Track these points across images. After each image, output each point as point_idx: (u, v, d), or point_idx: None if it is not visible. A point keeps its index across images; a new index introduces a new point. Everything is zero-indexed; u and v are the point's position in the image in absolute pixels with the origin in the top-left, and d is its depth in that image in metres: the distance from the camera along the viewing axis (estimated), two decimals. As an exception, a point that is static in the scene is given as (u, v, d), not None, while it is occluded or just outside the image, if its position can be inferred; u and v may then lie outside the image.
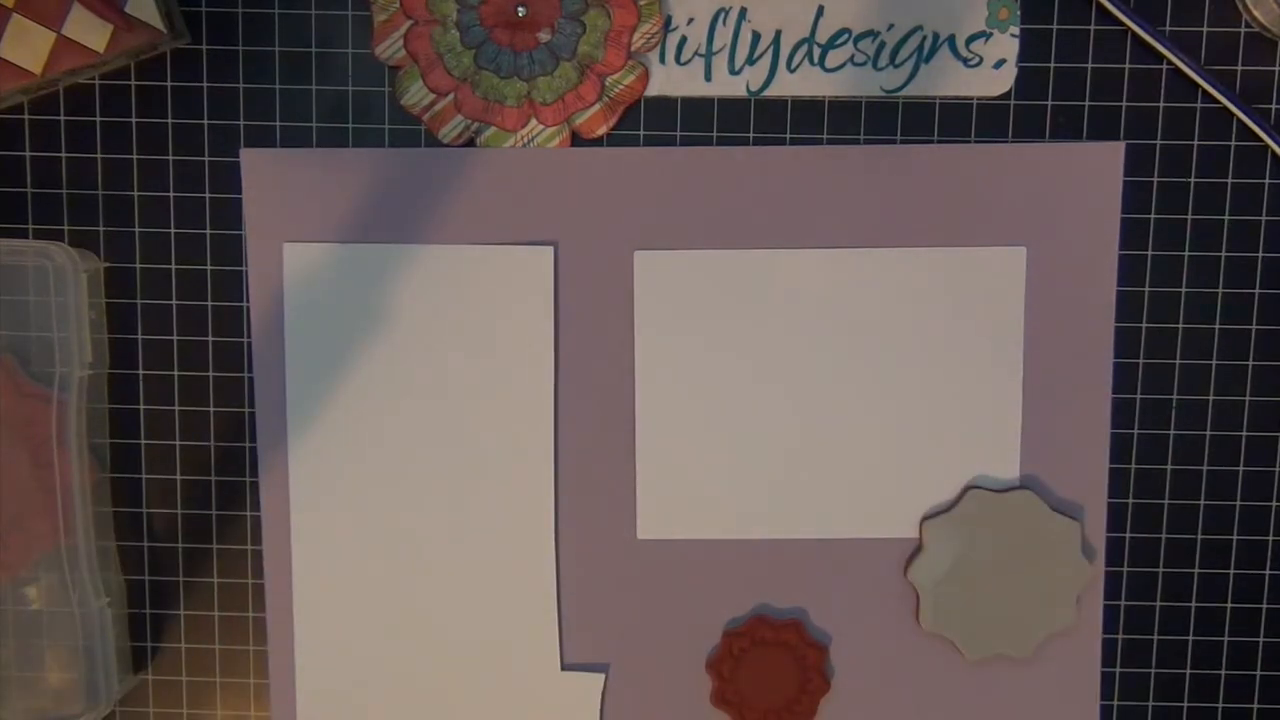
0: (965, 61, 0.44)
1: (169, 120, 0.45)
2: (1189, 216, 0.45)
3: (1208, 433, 0.46)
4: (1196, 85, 0.44)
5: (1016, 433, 0.45)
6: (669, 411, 0.45)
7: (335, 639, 0.46)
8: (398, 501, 0.46)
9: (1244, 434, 0.46)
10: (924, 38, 0.44)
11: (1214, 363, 0.46)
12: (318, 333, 0.45)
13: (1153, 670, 0.47)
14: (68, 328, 0.43)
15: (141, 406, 0.46)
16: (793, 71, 0.44)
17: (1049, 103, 0.44)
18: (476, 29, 0.43)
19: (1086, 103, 0.45)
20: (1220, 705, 0.47)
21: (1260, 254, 0.45)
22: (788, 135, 0.45)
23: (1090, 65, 0.44)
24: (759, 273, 0.45)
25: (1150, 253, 0.45)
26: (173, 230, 0.45)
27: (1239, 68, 0.44)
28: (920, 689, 0.46)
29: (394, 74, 0.44)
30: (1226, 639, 0.47)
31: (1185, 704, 0.47)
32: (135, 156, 0.45)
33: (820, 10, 0.44)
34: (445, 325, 0.45)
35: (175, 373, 0.46)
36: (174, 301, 0.45)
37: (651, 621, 0.46)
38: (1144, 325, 0.45)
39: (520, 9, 0.43)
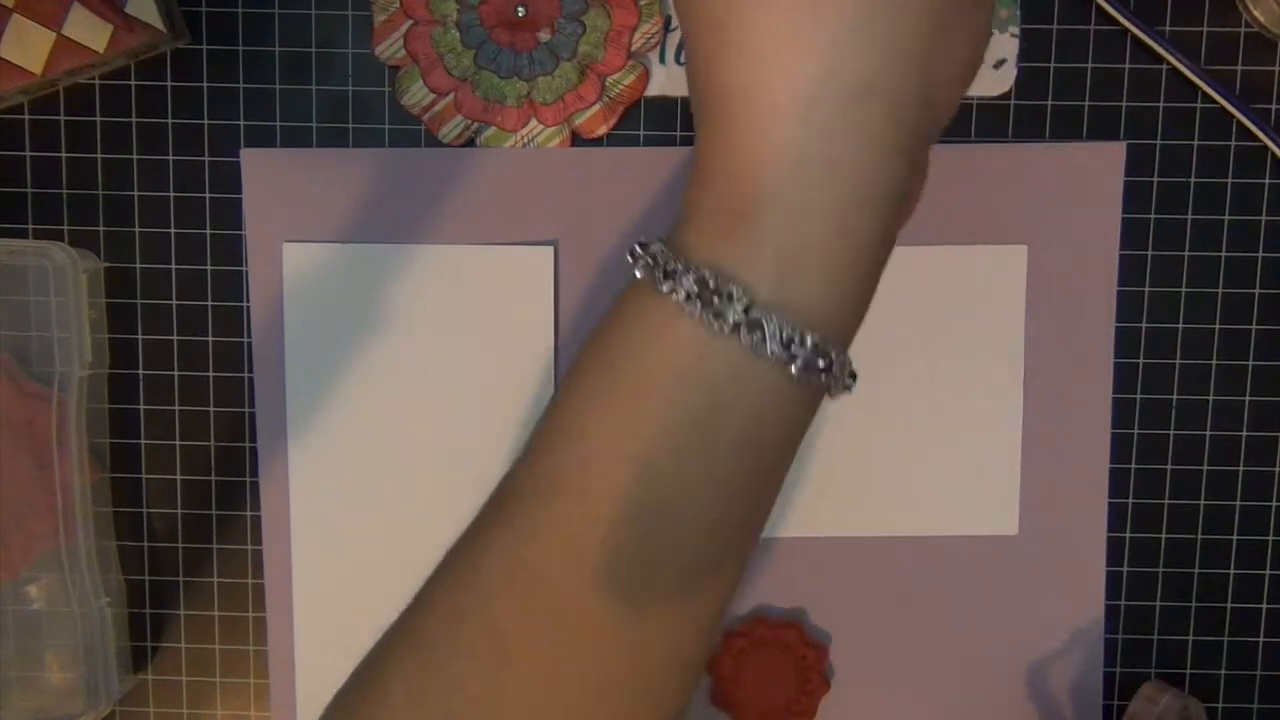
0: (965, 61, 0.44)
1: (169, 120, 0.45)
2: (1189, 216, 0.45)
3: (1208, 433, 0.46)
4: (1196, 85, 0.44)
5: (1017, 432, 0.45)
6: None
7: (335, 639, 0.46)
8: (398, 501, 0.46)
9: (1244, 434, 0.46)
10: (924, 38, 0.44)
11: (1214, 363, 0.46)
12: (318, 333, 0.45)
13: (1153, 670, 0.47)
14: (68, 328, 0.43)
15: (141, 406, 0.46)
16: (793, 71, 0.44)
17: (1049, 103, 0.44)
18: (476, 29, 0.43)
19: (1086, 103, 0.45)
20: (1220, 705, 0.47)
21: (1260, 254, 0.45)
22: (788, 135, 0.45)
23: (1090, 65, 0.44)
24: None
25: (1150, 253, 0.45)
26: (173, 230, 0.45)
27: (1239, 68, 0.44)
28: (920, 689, 0.46)
29: (394, 74, 0.44)
30: (1226, 639, 0.47)
31: (1185, 704, 0.47)
32: (135, 156, 0.45)
33: (820, 10, 0.44)
34: (445, 325, 0.45)
35: (175, 373, 0.46)
36: (174, 301, 0.45)
37: (651, 621, 0.46)
38: (1144, 325, 0.45)
39: (520, 9, 0.43)
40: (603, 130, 0.44)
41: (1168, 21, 0.44)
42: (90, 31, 0.42)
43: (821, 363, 0.26)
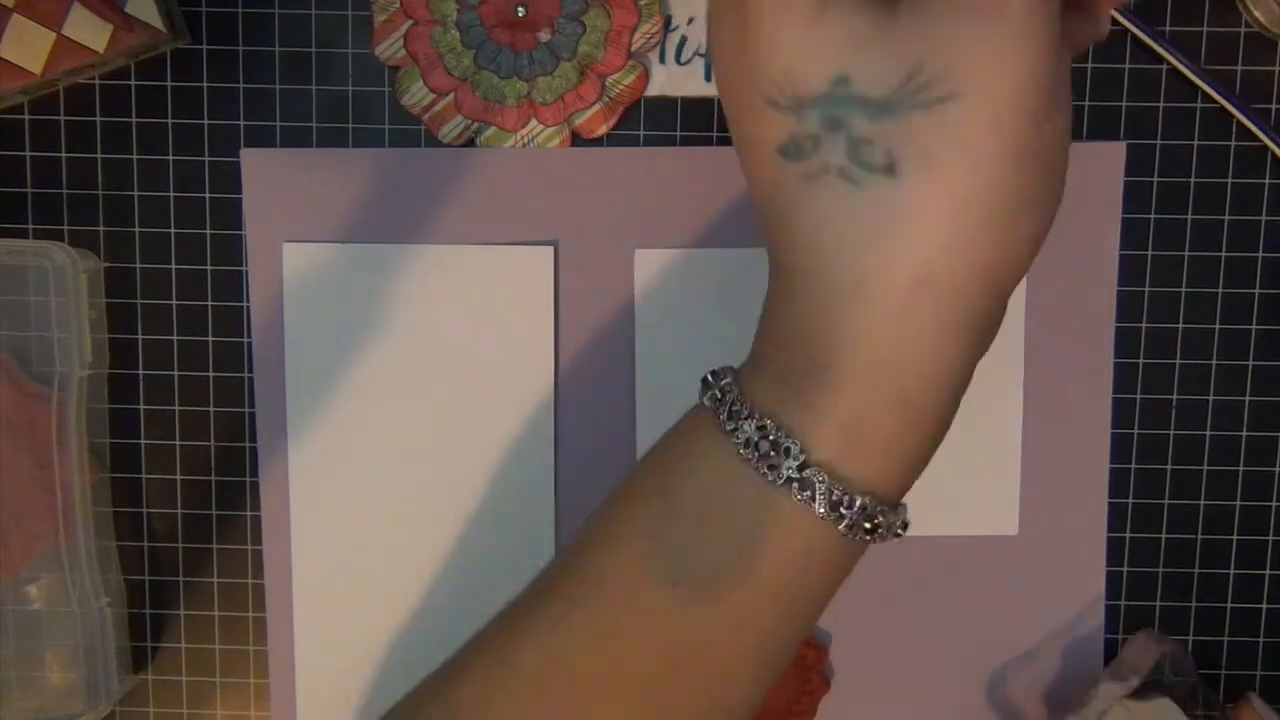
0: (965, 61, 0.44)
1: (169, 120, 0.45)
2: (1189, 216, 0.45)
3: (1208, 433, 0.46)
4: (1196, 85, 0.44)
5: (1017, 431, 0.45)
6: (669, 411, 0.45)
7: (336, 639, 0.46)
8: (398, 501, 0.46)
9: (1244, 434, 0.46)
10: (924, 38, 0.44)
11: (1214, 363, 0.46)
12: (318, 333, 0.45)
13: (1153, 670, 0.47)
14: (68, 328, 0.43)
15: (141, 406, 0.46)
16: (793, 71, 0.44)
17: (1049, 103, 0.44)
18: (476, 29, 0.43)
19: (1086, 103, 0.45)
20: (1221, 705, 0.47)
21: (1260, 254, 0.45)
22: (788, 135, 0.45)
23: (1090, 65, 0.44)
24: (758, 271, 0.45)
25: (1150, 253, 0.45)
26: (173, 230, 0.45)
27: (1239, 68, 0.44)
28: (920, 689, 0.46)
29: (394, 74, 0.44)
30: (1226, 639, 0.47)
31: (1185, 704, 0.47)
32: (135, 156, 0.45)
33: (820, 10, 0.44)
34: (445, 325, 0.45)
35: (175, 373, 0.46)
36: (174, 301, 0.45)
37: (651, 621, 0.46)
38: (1144, 325, 0.45)
39: (520, 9, 0.43)
40: (603, 130, 0.44)
41: (1168, 21, 0.44)
42: (90, 31, 0.42)
43: (868, 524, 0.27)
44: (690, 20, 0.44)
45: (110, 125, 0.45)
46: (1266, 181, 0.45)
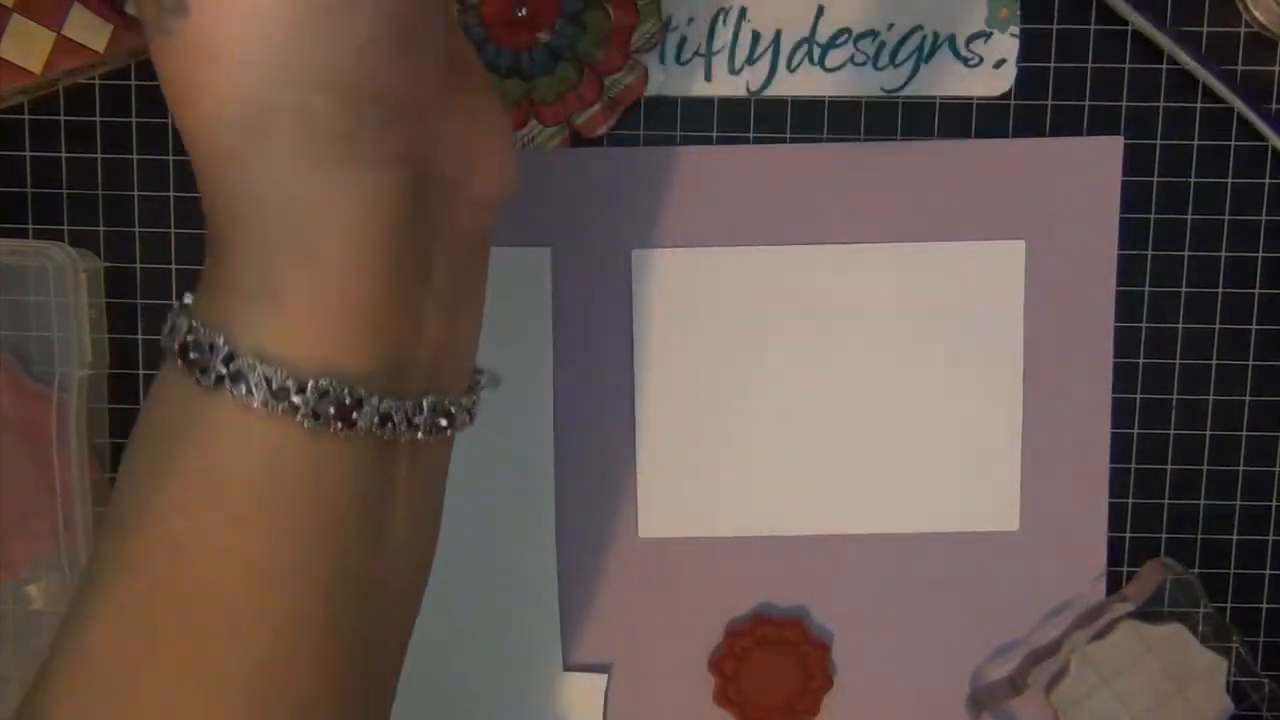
0: (965, 61, 0.44)
1: (169, 120, 0.45)
2: (1189, 216, 0.45)
3: (1208, 433, 0.46)
4: (1197, 84, 0.44)
5: (1017, 427, 0.45)
6: (668, 410, 0.45)
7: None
8: (398, 501, 0.46)
9: (1244, 434, 0.46)
10: (924, 37, 0.44)
11: (1214, 363, 0.46)
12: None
13: (1153, 670, 0.47)
14: (68, 328, 0.43)
15: (141, 407, 0.46)
16: (793, 71, 0.44)
17: (1049, 102, 0.45)
18: (476, 28, 0.43)
19: (1086, 102, 0.45)
20: (1220, 705, 0.47)
21: (1260, 254, 0.45)
22: (788, 135, 0.45)
23: (1090, 65, 0.44)
24: (757, 270, 0.45)
25: (1150, 253, 0.45)
26: (173, 230, 0.45)
27: (1239, 68, 0.44)
28: (922, 685, 0.46)
29: (394, 74, 0.44)
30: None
31: (1185, 704, 0.47)
32: (135, 156, 0.45)
33: (820, 10, 0.44)
34: (445, 325, 0.45)
35: (175, 373, 0.46)
36: (174, 302, 0.45)
37: (653, 620, 0.46)
38: (1144, 325, 0.45)
39: (520, 9, 0.43)
40: (603, 130, 0.44)
41: (1168, 21, 0.44)
42: (90, 31, 0.42)
43: (343, 411, 0.24)
44: (690, 20, 0.44)
45: (110, 125, 0.45)
46: (1266, 181, 0.45)
